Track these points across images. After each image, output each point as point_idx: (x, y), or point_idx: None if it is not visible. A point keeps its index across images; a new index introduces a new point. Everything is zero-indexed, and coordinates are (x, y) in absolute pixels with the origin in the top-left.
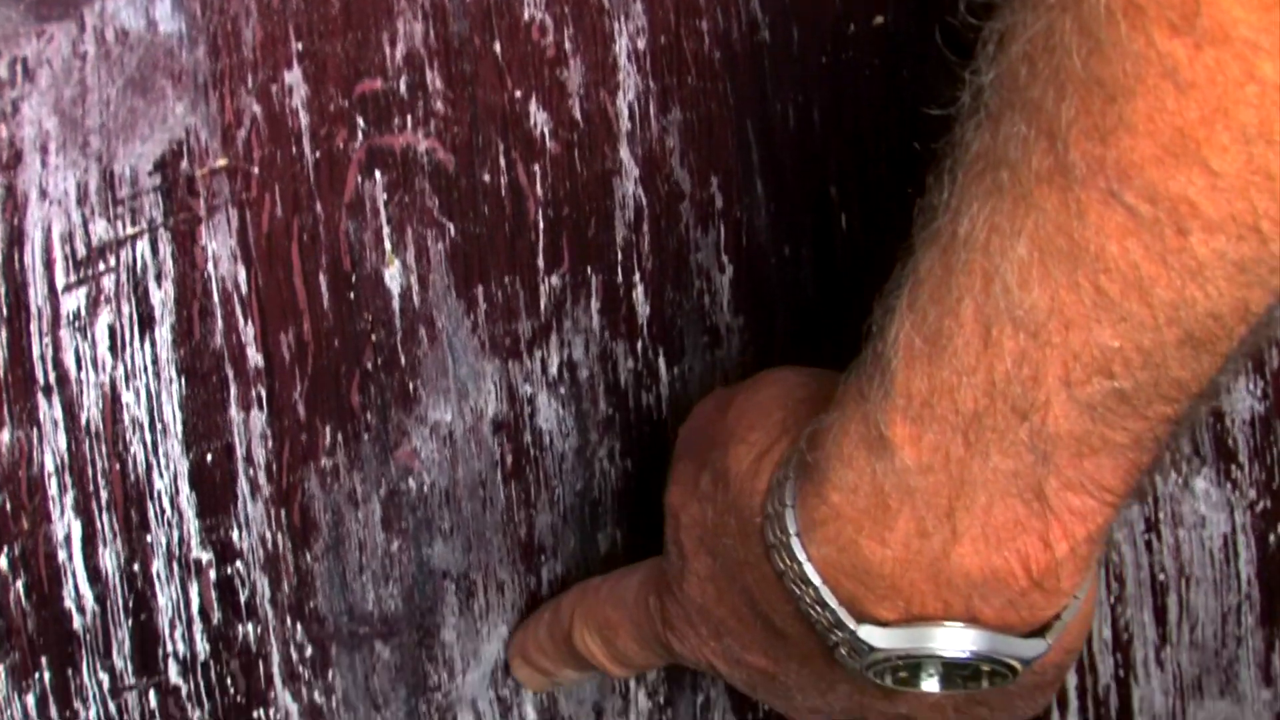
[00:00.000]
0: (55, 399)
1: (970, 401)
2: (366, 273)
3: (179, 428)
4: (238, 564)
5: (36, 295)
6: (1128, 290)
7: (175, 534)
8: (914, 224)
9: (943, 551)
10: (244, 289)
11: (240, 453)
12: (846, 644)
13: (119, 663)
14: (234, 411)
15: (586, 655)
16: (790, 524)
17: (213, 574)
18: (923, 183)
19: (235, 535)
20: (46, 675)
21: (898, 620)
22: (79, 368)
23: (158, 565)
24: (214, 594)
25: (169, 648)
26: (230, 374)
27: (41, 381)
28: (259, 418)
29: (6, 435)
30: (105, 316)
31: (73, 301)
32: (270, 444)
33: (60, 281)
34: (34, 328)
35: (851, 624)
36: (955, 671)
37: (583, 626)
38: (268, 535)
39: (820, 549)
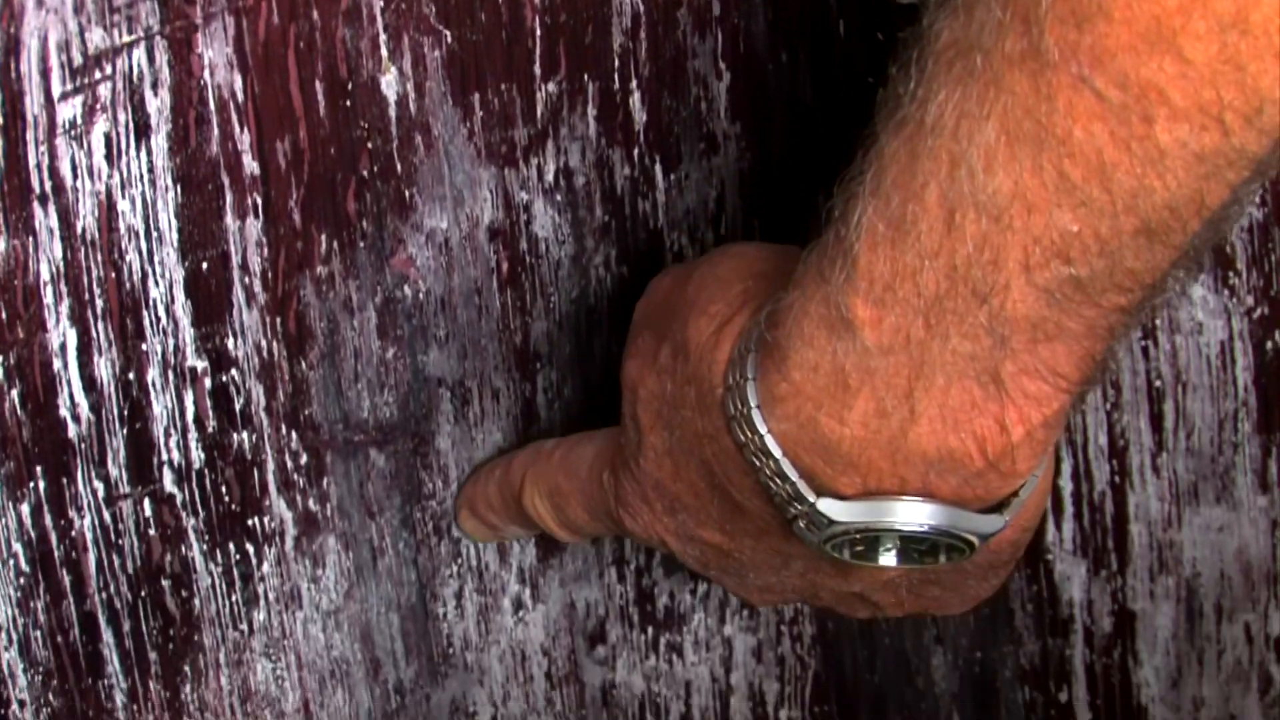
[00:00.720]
0: (51, 207)
1: (932, 284)
2: (363, 80)
3: (175, 236)
4: (233, 372)
5: (32, 104)
6: (1089, 175)
7: (170, 342)
8: (877, 111)
9: (900, 430)
10: (240, 96)
11: (236, 260)
12: (805, 516)
13: (114, 471)
14: (230, 219)
15: (535, 518)
16: (751, 397)
17: (208, 382)
18: (885, 73)
19: (230, 343)
20: (41, 484)
21: (856, 494)
22: (75, 176)
23: (153, 374)
24: (209, 402)
25: (164, 456)
26: (226, 182)
27: (37, 190)
28: (255, 225)
29: (2, 244)
30: (101, 125)
31: (69, 110)
32: (266, 252)
33: (56, 90)
34: (30, 136)
35: (811, 496)
36: (912, 546)
37: (533, 490)
38: (263, 343)
39: (780, 424)
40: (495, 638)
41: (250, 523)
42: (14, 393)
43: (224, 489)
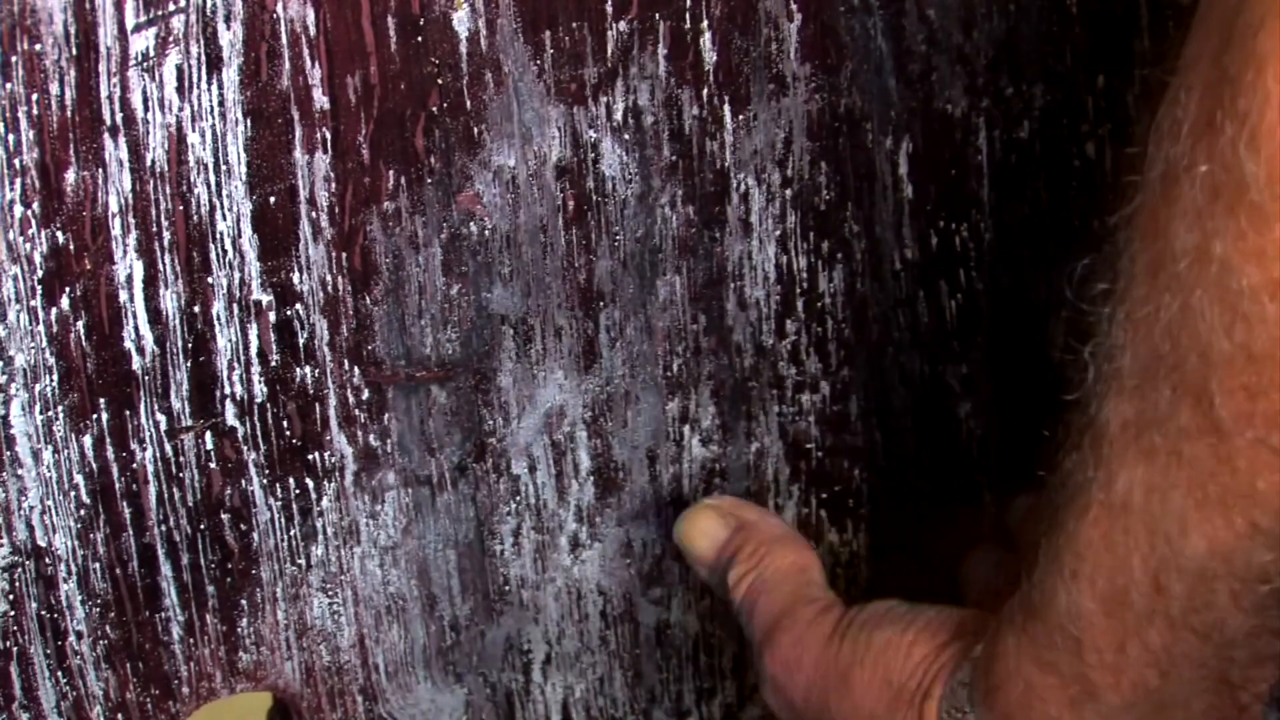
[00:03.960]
0: (121, 139)
1: (1157, 639)
2: (434, 16)
3: (243, 169)
4: (297, 307)
5: (106, 35)
6: (1277, 518)
7: (236, 276)
8: (1046, 499)
9: None
10: (312, 31)
11: (303, 195)
12: None
13: (176, 404)
14: (298, 154)
15: (718, 579)
16: None
17: (272, 316)
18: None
19: (296, 278)
20: (104, 416)
21: None
22: (145, 108)
23: (218, 307)
24: (273, 336)
25: (227, 389)
26: (296, 116)
27: (108, 122)
28: (323, 160)
29: (72, 175)
30: (173, 57)
31: (141, 42)
32: (333, 187)
33: (130, 22)
34: (102, 68)
35: None
36: None
37: (740, 589)
38: (328, 278)
39: None
40: (551, 575)
41: (310, 457)
42: (79, 324)
43: (285, 423)
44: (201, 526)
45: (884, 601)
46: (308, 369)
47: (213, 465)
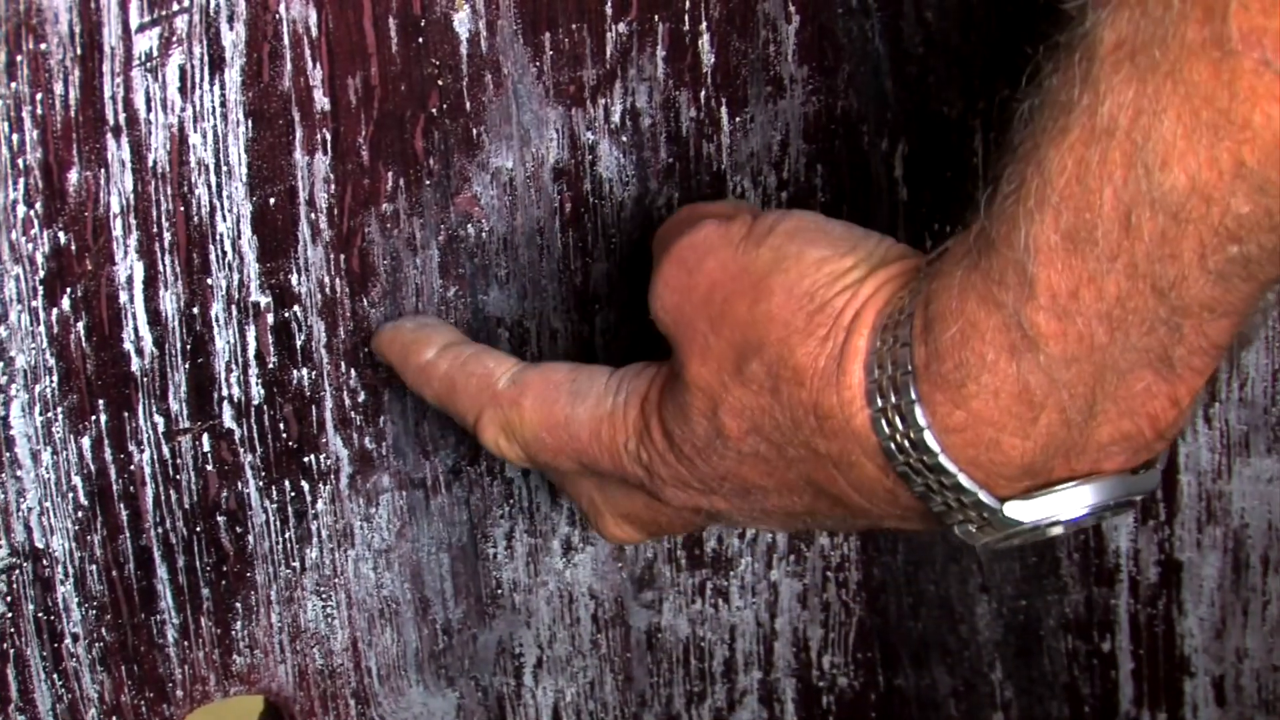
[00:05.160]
0: (124, 140)
1: (1114, 287)
2: (435, 17)
3: (244, 170)
4: (295, 308)
5: (110, 35)
6: (1266, 158)
7: (235, 277)
8: (1017, 126)
9: (1080, 430)
10: (314, 32)
11: (303, 196)
12: (979, 522)
13: (175, 406)
14: (299, 155)
15: (493, 451)
16: (918, 420)
17: (270, 318)
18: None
19: (294, 279)
20: (103, 418)
21: (1028, 491)
22: (148, 109)
23: (217, 308)
24: (271, 338)
25: (224, 391)
26: (297, 117)
27: (111, 122)
28: (323, 161)
29: (74, 175)
30: (176, 57)
31: (145, 42)
32: (333, 188)
33: (134, 21)
34: (106, 68)
35: (995, 504)
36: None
37: (497, 431)
38: (326, 280)
39: (957, 450)
40: (544, 579)
41: (306, 460)
42: (80, 325)
43: (282, 425)
44: (198, 529)
45: (810, 213)
46: (305, 371)
47: (209, 467)
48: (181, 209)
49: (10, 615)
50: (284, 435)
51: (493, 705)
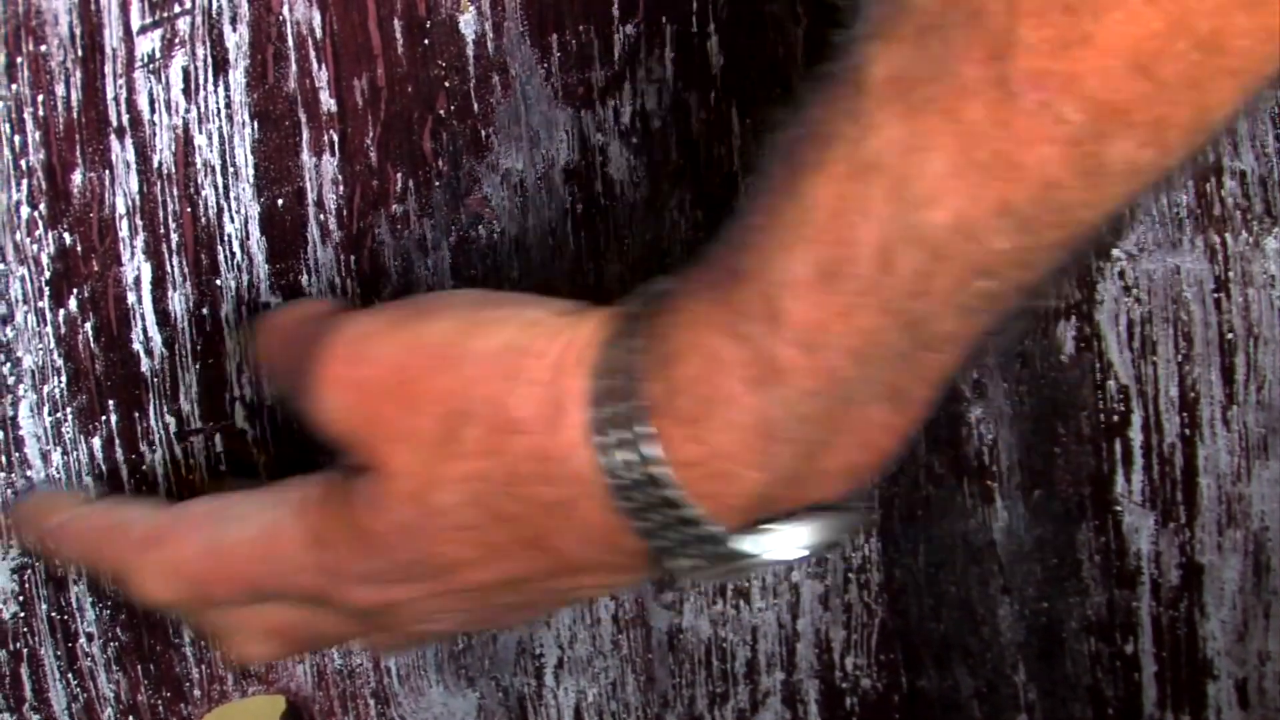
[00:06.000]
0: (128, 141)
1: (865, 322)
2: (441, 19)
3: (251, 172)
4: None
5: (112, 37)
6: (1032, 198)
7: (245, 278)
8: (777, 159)
9: (815, 462)
10: (319, 33)
11: (311, 198)
12: (698, 556)
13: (186, 406)
14: (306, 156)
15: (150, 585)
16: (649, 452)
17: None
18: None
19: (304, 280)
20: (113, 418)
21: (752, 523)
22: (152, 110)
23: (226, 309)
24: None
25: (236, 392)
26: (303, 118)
27: (115, 123)
28: (331, 163)
29: (78, 177)
30: (179, 59)
31: (148, 44)
32: (341, 189)
33: (136, 23)
34: (108, 69)
35: (731, 541)
36: None
37: (156, 582)
38: (336, 281)
39: (695, 485)
40: None
41: (320, 461)
42: (88, 326)
43: (294, 425)
44: None
45: (466, 289)
46: None
47: (222, 468)
48: (188, 210)
49: (24, 615)
50: (297, 436)
51: (514, 706)
